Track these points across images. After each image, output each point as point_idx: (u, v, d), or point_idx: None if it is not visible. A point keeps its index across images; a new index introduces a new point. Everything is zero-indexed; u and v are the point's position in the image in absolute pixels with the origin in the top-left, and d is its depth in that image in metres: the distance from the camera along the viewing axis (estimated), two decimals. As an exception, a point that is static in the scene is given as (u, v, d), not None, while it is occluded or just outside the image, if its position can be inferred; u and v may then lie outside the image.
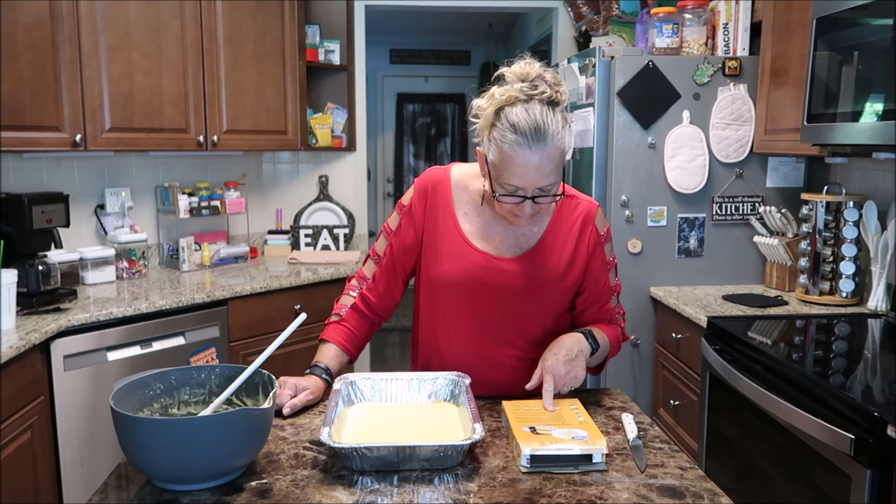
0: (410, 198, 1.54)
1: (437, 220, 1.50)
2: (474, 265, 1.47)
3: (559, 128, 1.32)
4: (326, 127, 3.71)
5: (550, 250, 1.48)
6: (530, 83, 1.32)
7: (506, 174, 1.33)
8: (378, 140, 7.45)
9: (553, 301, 1.52)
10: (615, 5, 3.68)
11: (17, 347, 2.04)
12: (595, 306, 1.56)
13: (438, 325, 1.55)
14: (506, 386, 1.52)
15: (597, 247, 1.51)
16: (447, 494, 1.11)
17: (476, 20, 6.17)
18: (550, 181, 1.34)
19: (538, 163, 1.30)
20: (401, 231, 1.54)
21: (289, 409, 1.39)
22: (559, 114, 1.34)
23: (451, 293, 1.50)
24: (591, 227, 1.51)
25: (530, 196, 1.34)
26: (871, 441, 1.49)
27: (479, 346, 1.52)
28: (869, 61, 1.99)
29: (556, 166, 1.33)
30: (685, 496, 1.11)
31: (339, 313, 1.58)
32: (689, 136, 2.75)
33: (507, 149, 1.31)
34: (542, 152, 1.30)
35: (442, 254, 1.49)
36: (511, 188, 1.34)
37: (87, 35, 2.65)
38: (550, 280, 1.48)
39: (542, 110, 1.31)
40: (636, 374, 2.91)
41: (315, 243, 3.75)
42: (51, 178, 2.93)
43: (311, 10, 3.71)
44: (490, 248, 1.49)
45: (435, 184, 1.52)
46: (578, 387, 1.44)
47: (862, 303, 2.47)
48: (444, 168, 1.55)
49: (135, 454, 1.09)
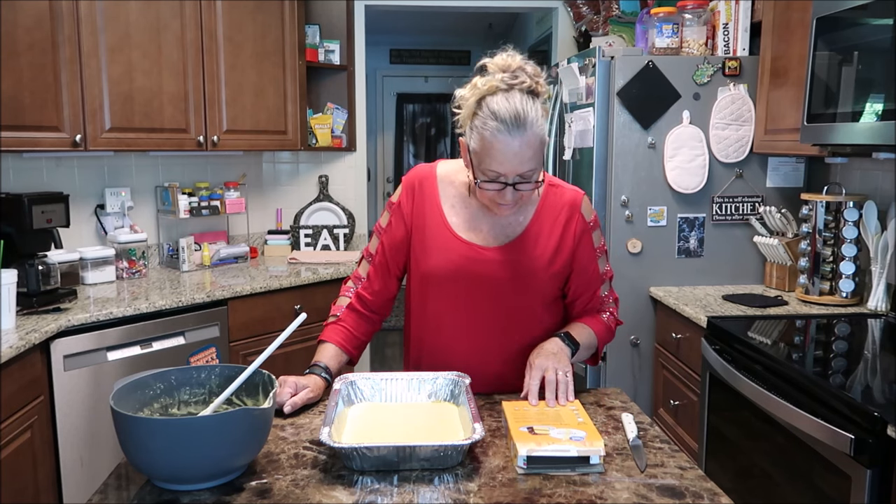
0: (399, 195, 1.58)
1: (424, 215, 1.53)
2: (461, 256, 1.50)
3: (538, 116, 1.36)
4: (326, 127, 3.72)
5: (536, 239, 1.51)
6: (511, 73, 1.37)
7: (487, 160, 1.37)
8: (378, 140, 7.45)
9: (542, 289, 1.54)
10: (615, 5, 3.68)
11: (17, 347, 2.04)
12: (586, 294, 1.59)
13: (430, 318, 1.56)
14: (496, 379, 1.54)
15: (584, 234, 1.55)
16: (447, 494, 1.11)
17: (476, 20, 6.17)
18: (530, 167, 1.37)
19: (518, 149, 1.34)
20: (391, 228, 1.57)
21: (290, 408, 1.39)
22: (539, 104, 1.38)
23: (442, 285, 1.52)
24: (577, 215, 1.54)
25: (511, 183, 1.38)
26: (871, 441, 1.49)
27: (472, 339, 1.54)
28: (869, 61, 1.99)
29: (535, 153, 1.37)
30: (685, 496, 1.11)
31: (336, 314, 1.60)
32: (689, 136, 2.75)
33: (489, 135, 1.34)
34: (522, 139, 1.34)
35: (430, 247, 1.52)
36: (492, 174, 1.38)
37: (87, 35, 2.65)
38: (538, 268, 1.51)
39: (521, 99, 1.35)
40: (636, 374, 2.91)
41: (315, 243, 3.75)
42: (51, 178, 2.93)
43: (311, 10, 3.71)
44: (477, 238, 1.51)
45: (422, 179, 1.56)
46: (576, 386, 1.45)
47: (862, 303, 2.47)
48: (431, 165, 1.59)
49: (135, 454, 1.09)
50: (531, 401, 1.38)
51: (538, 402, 1.38)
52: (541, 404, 1.37)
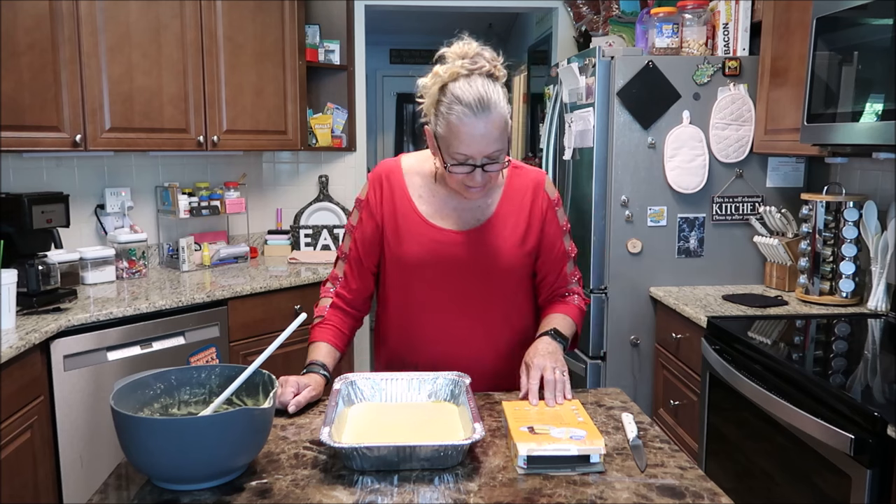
0: (366, 191, 1.61)
1: (394, 207, 1.56)
2: (434, 241, 1.53)
3: (500, 97, 1.41)
4: (326, 127, 3.72)
5: (506, 219, 1.56)
6: (471, 59, 1.41)
7: (455, 143, 1.40)
8: (378, 140, 7.45)
9: (516, 268, 1.58)
10: (615, 5, 3.68)
11: (17, 347, 2.04)
12: (554, 272, 1.63)
13: (411, 306, 1.59)
14: (476, 362, 1.57)
15: (549, 211, 1.60)
16: (447, 494, 1.11)
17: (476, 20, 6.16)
18: (497, 148, 1.41)
19: (484, 130, 1.38)
20: (362, 224, 1.60)
21: (294, 407, 1.40)
22: (500, 86, 1.43)
23: (419, 271, 1.55)
24: (541, 193, 1.59)
25: (480, 164, 1.41)
26: (871, 441, 1.49)
27: (453, 322, 1.57)
28: (869, 61, 1.99)
29: (500, 133, 1.41)
30: (685, 496, 1.11)
31: (322, 315, 1.64)
32: (689, 136, 2.75)
33: (455, 119, 1.38)
34: (488, 120, 1.38)
35: (403, 235, 1.55)
36: (461, 157, 1.41)
37: (87, 35, 2.65)
38: (510, 246, 1.55)
39: (483, 83, 1.39)
40: (636, 374, 2.91)
41: (315, 243, 3.76)
42: (51, 178, 2.93)
43: (311, 10, 3.71)
44: (448, 224, 1.55)
45: (388, 173, 1.59)
46: (576, 386, 1.45)
47: (862, 303, 2.47)
48: (395, 158, 1.63)
49: (135, 454, 1.09)
50: (531, 400, 1.38)
51: (538, 401, 1.38)
52: (540, 404, 1.37)
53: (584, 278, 2.93)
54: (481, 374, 1.56)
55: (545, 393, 1.40)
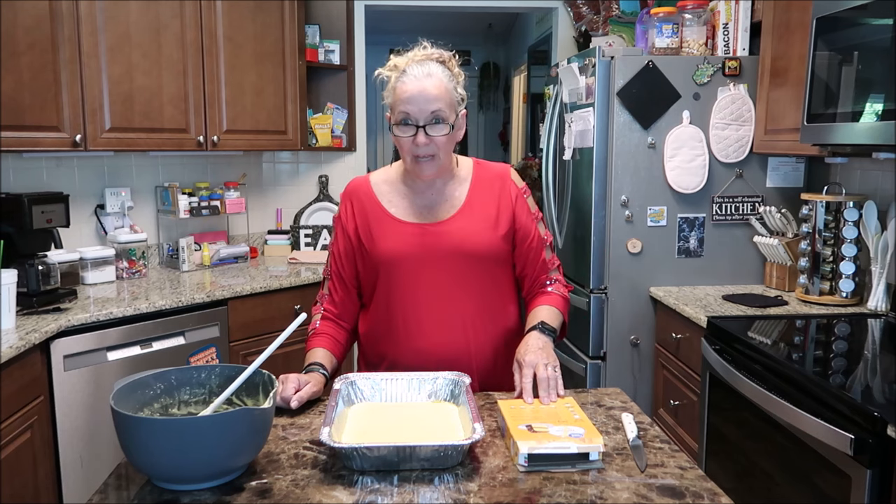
0: (339, 209, 1.68)
1: (366, 215, 1.63)
2: (410, 235, 1.58)
3: (447, 74, 1.51)
4: (326, 127, 3.72)
5: (476, 206, 1.62)
6: (426, 52, 1.53)
7: (397, 103, 1.49)
8: (378, 140, 7.45)
9: (493, 252, 1.60)
10: (615, 5, 3.68)
11: (17, 347, 2.04)
12: (533, 260, 1.66)
13: (394, 304, 1.60)
14: (463, 351, 1.59)
15: (518, 198, 1.65)
16: (447, 494, 1.11)
17: (476, 20, 6.18)
18: (437, 106, 1.48)
19: (422, 86, 1.47)
20: (338, 240, 1.68)
21: (296, 402, 1.41)
22: (449, 70, 1.53)
23: (399, 266, 1.58)
24: (508, 182, 1.66)
25: (422, 125, 1.48)
26: (871, 441, 1.49)
27: (435, 318, 1.58)
28: (869, 61, 1.99)
29: (441, 94, 1.48)
30: (685, 496, 1.11)
31: (315, 327, 1.66)
32: (689, 136, 2.76)
33: (396, 83, 1.50)
34: (428, 80, 1.48)
35: (377, 237, 1.60)
36: (402, 115, 1.49)
37: (87, 35, 2.65)
38: (483, 230, 1.60)
39: (432, 63, 1.50)
40: (636, 374, 2.91)
41: (315, 243, 3.76)
42: (51, 178, 2.93)
43: (311, 10, 3.71)
44: (420, 219, 1.60)
45: (356, 187, 1.67)
46: (576, 386, 1.45)
47: (862, 303, 2.47)
48: (364, 175, 1.72)
49: (135, 454, 1.09)
50: (526, 399, 1.39)
51: (533, 399, 1.39)
52: (535, 402, 1.38)
53: (584, 278, 2.93)
54: (466, 366, 1.58)
55: (539, 391, 1.40)
